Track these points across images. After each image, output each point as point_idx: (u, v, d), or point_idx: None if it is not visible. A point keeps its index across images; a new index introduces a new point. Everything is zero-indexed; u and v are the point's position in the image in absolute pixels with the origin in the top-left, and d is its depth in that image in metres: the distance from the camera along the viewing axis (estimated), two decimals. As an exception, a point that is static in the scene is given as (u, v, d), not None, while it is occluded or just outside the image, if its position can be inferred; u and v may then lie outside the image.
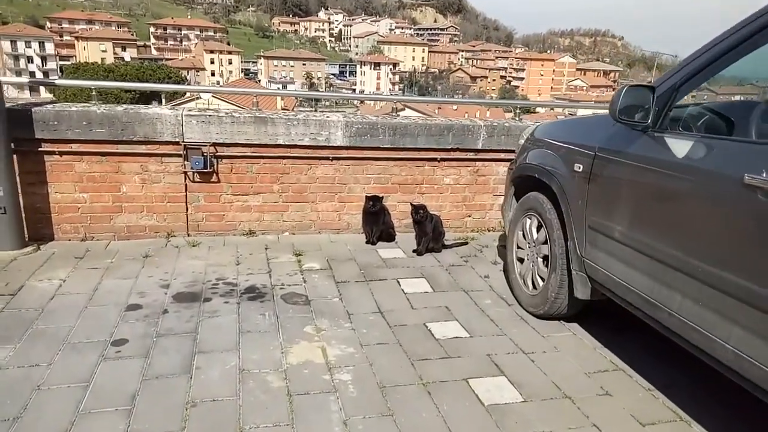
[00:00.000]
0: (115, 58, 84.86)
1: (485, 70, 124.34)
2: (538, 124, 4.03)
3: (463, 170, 5.08)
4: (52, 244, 4.31)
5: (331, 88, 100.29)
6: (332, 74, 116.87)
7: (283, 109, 33.83)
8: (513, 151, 5.00)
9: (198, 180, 4.55)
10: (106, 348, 2.90)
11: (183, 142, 4.38)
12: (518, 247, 3.80)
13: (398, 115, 4.96)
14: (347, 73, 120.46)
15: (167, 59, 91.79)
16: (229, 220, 4.70)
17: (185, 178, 4.51)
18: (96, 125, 4.20)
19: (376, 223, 4.69)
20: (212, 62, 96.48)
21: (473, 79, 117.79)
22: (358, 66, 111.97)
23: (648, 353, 3.14)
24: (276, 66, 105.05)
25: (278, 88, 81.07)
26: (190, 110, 4.44)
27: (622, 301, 2.75)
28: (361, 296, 3.73)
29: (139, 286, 3.67)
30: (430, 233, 4.50)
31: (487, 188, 5.18)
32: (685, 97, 2.64)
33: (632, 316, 2.83)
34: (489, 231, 5.27)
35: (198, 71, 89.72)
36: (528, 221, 3.65)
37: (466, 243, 4.87)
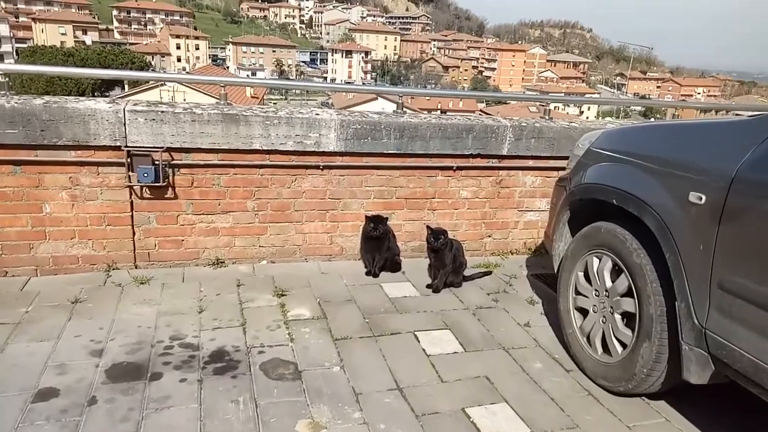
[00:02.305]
0: (75, 41, 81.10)
1: (457, 59, 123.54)
2: (603, 129, 3.08)
3: (484, 181, 4.12)
4: (-53, 285, 3.20)
5: (302, 76, 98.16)
6: (303, 62, 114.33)
7: (252, 97, 32.36)
8: (543, 158, 4.11)
9: (148, 196, 3.48)
10: (-11, 482, 1.86)
11: (126, 146, 3.30)
12: (577, 293, 2.86)
13: (405, 113, 3.97)
14: (318, 60, 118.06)
15: (131, 44, 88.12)
16: (190, 246, 3.65)
17: (131, 194, 3.44)
18: (5, 124, 3.09)
19: (379, 249, 3.69)
20: (178, 47, 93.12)
21: (445, 68, 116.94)
22: (330, 54, 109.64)
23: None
24: (245, 53, 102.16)
25: (247, 76, 78.81)
26: (135, 104, 3.36)
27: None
28: (370, 362, 2.75)
29: (60, 354, 2.61)
30: (449, 264, 3.54)
31: (511, 202, 4.23)
32: None
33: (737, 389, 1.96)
34: (512, 254, 4.33)
35: (163, 57, 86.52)
36: (596, 261, 2.71)
37: (490, 273, 3.91)
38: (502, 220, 4.26)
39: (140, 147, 3.32)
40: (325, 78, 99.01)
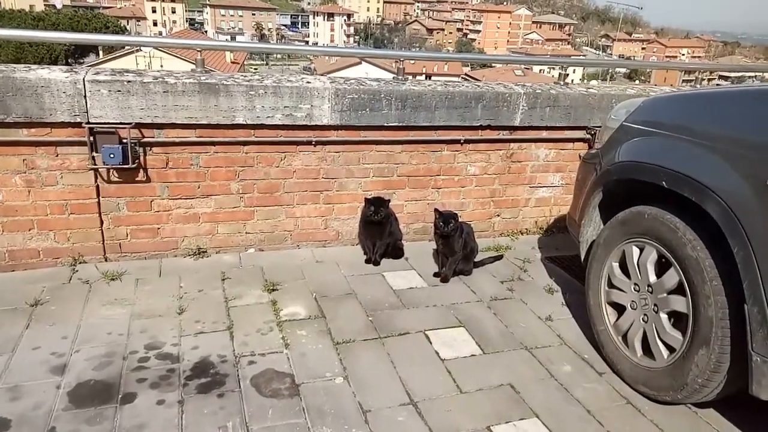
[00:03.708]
0: (45, 5, 77.90)
1: (442, 22, 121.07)
2: (642, 98, 2.68)
3: (493, 155, 3.73)
4: None
5: (283, 40, 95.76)
6: (283, 25, 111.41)
7: (233, 62, 31.19)
8: (558, 128, 3.73)
9: (116, 179, 3.04)
10: None
11: (88, 123, 2.85)
12: (611, 286, 2.52)
13: (407, 80, 3.53)
14: (299, 24, 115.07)
15: (104, 8, 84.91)
16: (167, 235, 3.24)
17: (96, 178, 3.00)
18: (-59, 99, 2.63)
19: (381, 235, 3.32)
20: (154, 11, 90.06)
21: (430, 31, 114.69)
22: (311, 17, 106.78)
23: None
24: (224, 16, 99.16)
25: (226, 40, 76.66)
26: (96, 73, 2.89)
27: None
28: (378, 370, 2.40)
29: (15, 373, 2.22)
30: (459, 252, 3.17)
31: (522, 178, 3.86)
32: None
33: None
34: (522, 234, 3.98)
35: (139, 21, 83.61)
36: (636, 251, 2.36)
37: (501, 257, 3.56)
38: (513, 198, 3.89)
39: (105, 123, 2.87)
40: (307, 42, 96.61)
